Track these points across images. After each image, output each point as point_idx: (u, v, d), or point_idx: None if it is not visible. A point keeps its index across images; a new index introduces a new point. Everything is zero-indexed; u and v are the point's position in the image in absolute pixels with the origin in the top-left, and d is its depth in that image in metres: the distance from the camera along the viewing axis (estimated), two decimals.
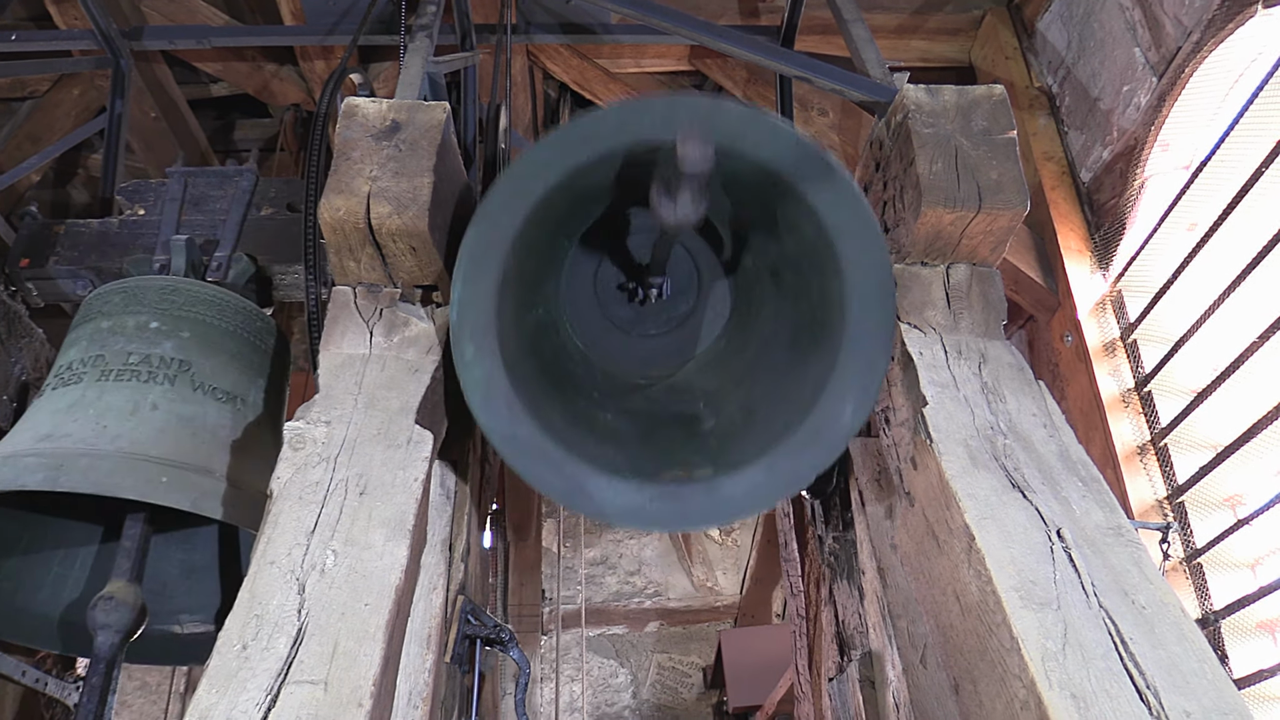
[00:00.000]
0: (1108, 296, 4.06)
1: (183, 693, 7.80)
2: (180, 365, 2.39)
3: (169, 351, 2.40)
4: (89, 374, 2.33)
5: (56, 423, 2.23)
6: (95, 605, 2.14)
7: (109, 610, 2.13)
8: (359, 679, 1.46)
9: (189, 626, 2.65)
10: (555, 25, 4.43)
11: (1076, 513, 1.73)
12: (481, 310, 1.89)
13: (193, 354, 2.42)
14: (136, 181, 3.06)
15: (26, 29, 4.90)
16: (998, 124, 2.19)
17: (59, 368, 2.43)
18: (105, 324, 2.45)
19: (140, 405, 2.28)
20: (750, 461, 2.05)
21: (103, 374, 2.33)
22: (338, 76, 2.59)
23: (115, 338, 2.40)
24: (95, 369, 2.34)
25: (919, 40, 4.96)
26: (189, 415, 2.32)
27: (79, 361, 2.38)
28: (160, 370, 2.36)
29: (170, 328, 2.44)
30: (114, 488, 2.07)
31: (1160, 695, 1.42)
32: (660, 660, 9.17)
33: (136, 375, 2.33)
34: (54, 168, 5.73)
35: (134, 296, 2.50)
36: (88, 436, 2.17)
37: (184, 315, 2.47)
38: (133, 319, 2.44)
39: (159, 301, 2.48)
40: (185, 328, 2.46)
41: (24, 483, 2.03)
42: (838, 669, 2.69)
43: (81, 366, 2.36)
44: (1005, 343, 2.12)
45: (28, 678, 3.67)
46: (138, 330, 2.42)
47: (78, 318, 2.56)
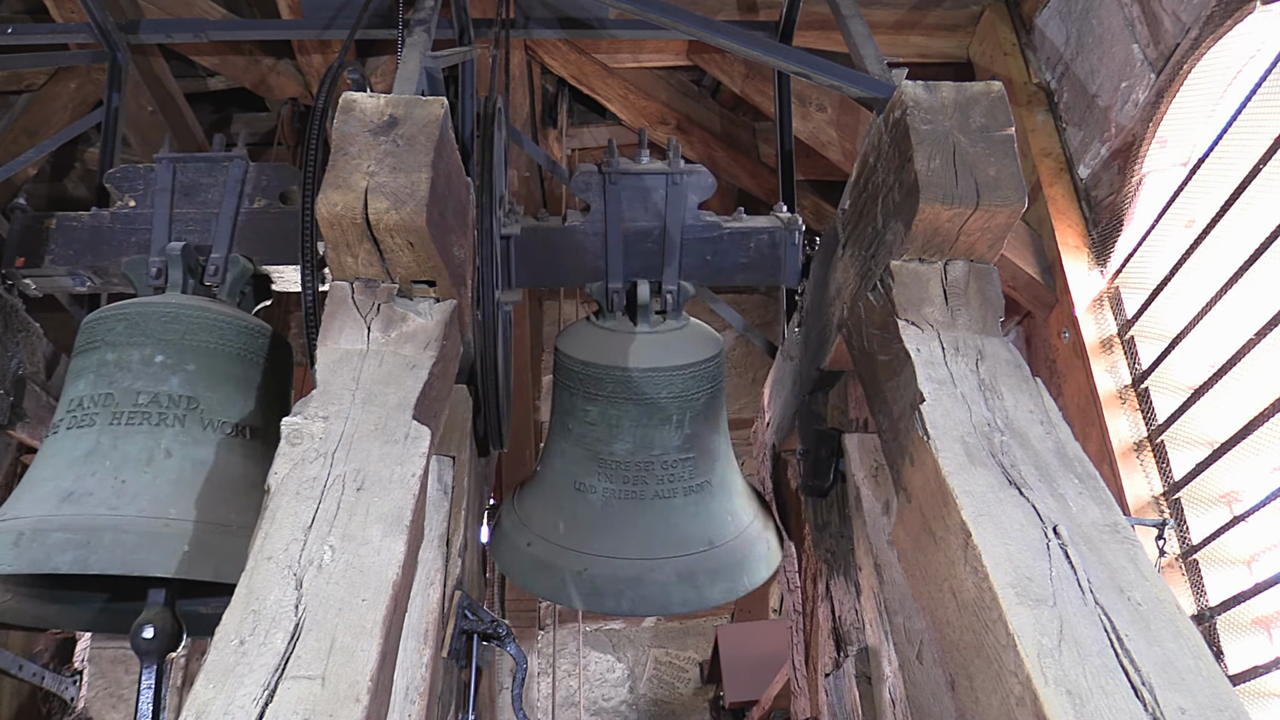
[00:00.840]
0: (1105, 293, 4.06)
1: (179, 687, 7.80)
2: (188, 403, 2.45)
3: (176, 388, 2.46)
4: (100, 415, 2.41)
5: (76, 476, 2.31)
6: (135, 635, 2.31)
7: (150, 642, 2.31)
8: (356, 674, 1.46)
9: (213, 607, 2.68)
10: (553, 20, 4.42)
11: (1073, 509, 1.73)
12: None
13: (200, 388, 2.48)
14: (125, 167, 3.01)
15: (23, 22, 4.88)
16: (996, 120, 2.19)
17: (70, 402, 2.48)
18: (110, 356, 2.50)
19: (155, 454, 2.37)
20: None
21: (114, 417, 2.41)
22: (335, 71, 2.58)
23: (123, 374, 2.47)
24: (107, 410, 2.42)
25: (917, 36, 4.96)
26: (201, 459, 2.41)
27: (89, 400, 2.45)
28: (170, 410, 2.43)
29: (175, 361, 2.49)
30: (139, 565, 2.19)
31: (1155, 692, 1.43)
32: (657, 655, 9.17)
33: (147, 418, 2.41)
34: (50, 161, 5.72)
35: (136, 326, 2.53)
36: (108, 497, 2.27)
37: (188, 345, 2.52)
38: (138, 352, 2.49)
39: (162, 332, 2.52)
40: (190, 359, 2.51)
41: (55, 565, 2.15)
42: (834, 664, 2.70)
43: (92, 405, 2.44)
44: (1003, 339, 2.12)
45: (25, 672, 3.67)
46: (143, 365, 2.48)
47: (81, 341, 2.59)
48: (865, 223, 2.40)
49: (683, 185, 2.91)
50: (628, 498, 2.73)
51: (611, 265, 2.88)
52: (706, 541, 2.71)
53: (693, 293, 2.94)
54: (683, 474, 2.76)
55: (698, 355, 2.81)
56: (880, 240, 2.28)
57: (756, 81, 5.08)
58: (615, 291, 2.85)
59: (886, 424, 2.18)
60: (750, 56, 2.87)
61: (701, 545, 2.70)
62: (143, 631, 2.31)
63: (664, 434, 2.75)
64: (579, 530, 2.72)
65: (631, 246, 2.88)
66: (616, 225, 2.89)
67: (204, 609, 2.62)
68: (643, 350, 2.78)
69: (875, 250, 2.31)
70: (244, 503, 2.37)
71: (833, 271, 2.65)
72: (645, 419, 2.73)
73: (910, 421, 1.96)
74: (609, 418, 2.74)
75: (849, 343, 2.48)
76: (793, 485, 3.27)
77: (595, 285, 2.89)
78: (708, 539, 2.72)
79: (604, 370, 2.76)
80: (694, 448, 2.79)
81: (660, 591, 2.62)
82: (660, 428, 2.75)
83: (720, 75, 5.25)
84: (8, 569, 2.17)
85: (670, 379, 2.75)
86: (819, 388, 2.92)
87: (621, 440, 2.75)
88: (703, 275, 2.98)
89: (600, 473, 2.75)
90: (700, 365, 2.80)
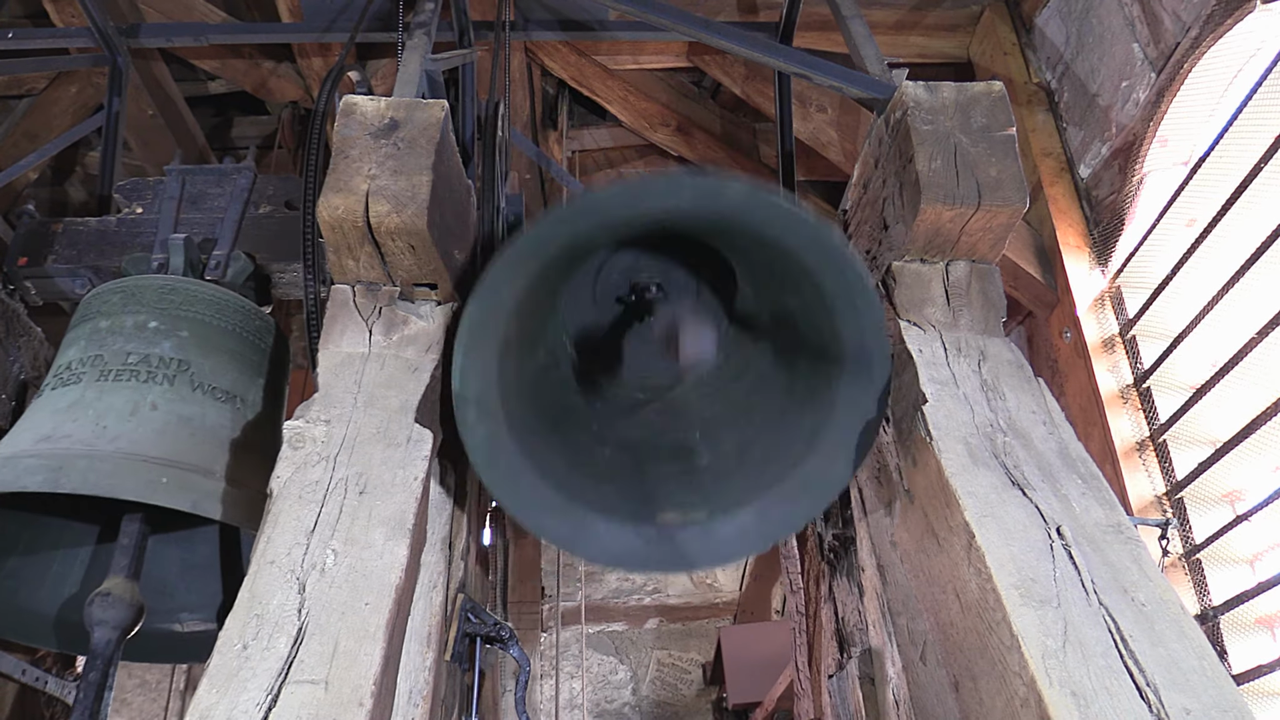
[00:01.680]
0: (1107, 292, 4.06)
1: (183, 691, 7.81)
2: (179, 365, 2.39)
3: (168, 351, 2.40)
4: (88, 374, 2.34)
5: (56, 423, 2.23)
6: (92, 602, 2.14)
7: (106, 606, 2.13)
8: (359, 678, 1.46)
9: (189, 625, 2.65)
10: (553, 22, 4.43)
11: (1076, 510, 1.73)
12: (482, 376, 1.94)
13: (192, 353, 2.42)
14: (134, 180, 3.06)
15: (23, 26, 4.89)
16: (996, 120, 2.18)
17: (58, 367, 2.43)
18: (104, 324, 2.45)
19: (140, 405, 2.28)
20: (743, 505, 2.17)
21: (102, 374, 2.33)
22: (336, 74, 2.59)
23: (114, 337, 2.41)
24: (94, 369, 2.34)
25: (917, 36, 4.96)
26: (189, 415, 2.32)
27: (78, 361, 2.38)
28: (159, 370, 2.36)
29: (169, 327, 2.44)
30: (114, 489, 2.07)
31: (1160, 692, 1.42)
32: (660, 657, 9.18)
33: (135, 375, 2.33)
34: (51, 165, 5.72)
35: (132, 296, 2.49)
36: (87, 437, 2.17)
37: (183, 315, 2.47)
38: (131, 318, 2.44)
39: (157, 301, 2.48)
40: (184, 327, 2.45)
41: (24, 484, 2.03)
42: (837, 666, 2.70)
43: (80, 366, 2.36)
44: (1004, 340, 2.12)
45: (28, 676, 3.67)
46: (136, 330, 2.42)
47: (76, 317, 2.56)
48: (866, 223, 2.40)
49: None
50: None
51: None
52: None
53: None
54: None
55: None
56: (881, 240, 2.28)
57: (757, 82, 5.07)
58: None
59: (889, 425, 2.18)
60: (750, 57, 2.87)
61: None
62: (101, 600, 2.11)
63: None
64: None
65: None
66: None
67: (179, 628, 2.59)
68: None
69: (876, 251, 2.31)
70: (233, 459, 2.29)
71: None
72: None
73: (913, 422, 1.96)
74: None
75: None
76: None
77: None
78: None
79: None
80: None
81: None
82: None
83: (720, 76, 5.25)
84: None
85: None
86: None
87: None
88: None
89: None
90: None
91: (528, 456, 2.07)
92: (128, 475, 2.10)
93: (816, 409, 2.14)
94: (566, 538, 2.13)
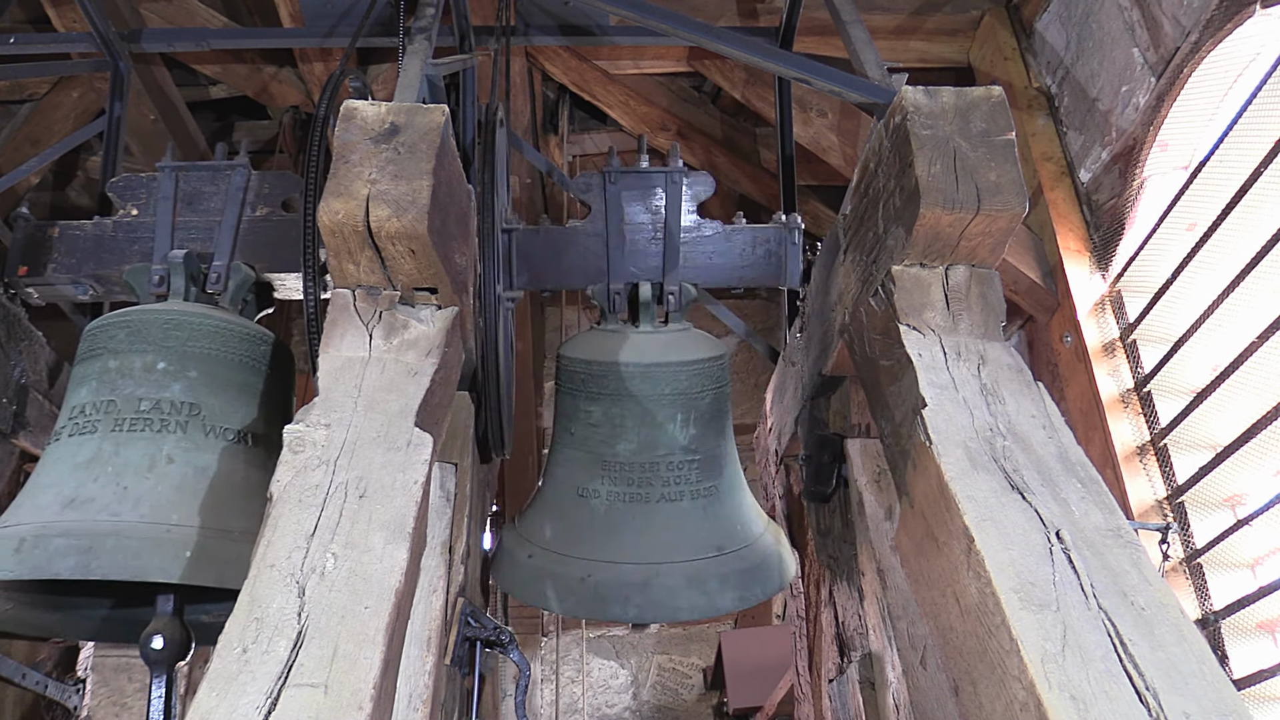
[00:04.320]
0: (1107, 297, 4.06)
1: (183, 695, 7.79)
2: (190, 410, 2.45)
3: (178, 395, 2.46)
4: (102, 422, 2.41)
5: (78, 483, 2.31)
6: (145, 645, 2.34)
7: (160, 653, 2.34)
8: (359, 682, 1.46)
9: (215, 615, 2.68)
10: (554, 27, 4.43)
11: (1076, 514, 1.73)
12: None
13: (201, 394, 2.48)
14: (128, 176, 3.03)
15: (25, 31, 4.90)
16: (996, 125, 2.19)
17: (71, 409, 2.48)
18: (112, 364, 2.50)
19: (156, 460, 2.36)
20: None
21: (116, 424, 2.40)
22: (336, 79, 2.59)
23: (125, 381, 2.47)
24: (109, 417, 2.42)
25: (917, 41, 4.96)
26: (203, 465, 2.41)
27: (91, 406, 2.45)
28: (172, 417, 2.43)
29: (177, 368, 2.49)
30: (142, 571, 2.19)
31: (1160, 697, 1.42)
32: (660, 661, 9.16)
33: (149, 425, 2.41)
34: (53, 170, 5.74)
35: (138, 334, 2.53)
36: (110, 503, 2.27)
37: (190, 351, 2.52)
38: (139, 359, 2.49)
39: (164, 339, 2.53)
40: (192, 366, 2.51)
41: (57, 570, 2.15)
42: (838, 670, 2.69)
43: (94, 413, 2.44)
44: (1004, 344, 2.12)
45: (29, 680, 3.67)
46: (145, 372, 2.48)
47: (83, 349, 2.59)
48: (866, 228, 2.40)
49: (681, 184, 2.92)
50: (633, 500, 2.66)
51: (613, 265, 2.88)
52: (715, 547, 2.63)
53: (694, 295, 2.94)
54: (689, 476, 2.69)
55: (700, 354, 2.78)
56: (881, 245, 2.28)
57: (757, 87, 5.08)
58: (616, 292, 2.85)
59: (889, 429, 2.18)
60: (751, 62, 2.87)
61: (711, 550, 2.63)
62: (152, 641, 2.33)
63: (668, 434, 2.69)
64: (582, 537, 2.65)
65: (633, 247, 2.89)
66: (617, 225, 2.89)
67: (206, 617, 2.63)
68: (644, 347, 2.76)
69: (877, 255, 2.31)
70: (246, 508, 2.37)
71: (834, 277, 2.65)
72: (648, 417, 2.68)
73: (912, 426, 1.96)
74: (612, 416, 2.70)
75: (851, 348, 2.48)
76: (795, 490, 3.26)
77: (597, 286, 2.89)
78: (717, 544, 2.64)
79: (605, 367, 2.72)
80: (700, 449, 2.73)
81: (668, 597, 2.55)
82: (664, 427, 2.69)
83: (721, 81, 5.25)
84: (9, 574, 2.17)
85: (673, 374, 2.72)
86: (821, 393, 2.92)
87: (625, 440, 2.69)
88: (705, 277, 2.99)
89: (604, 476, 2.68)
90: (703, 363, 2.77)
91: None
92: (153, 554, 2.21)
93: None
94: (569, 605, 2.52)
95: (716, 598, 2.58)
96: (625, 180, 2.91)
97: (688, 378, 2.73)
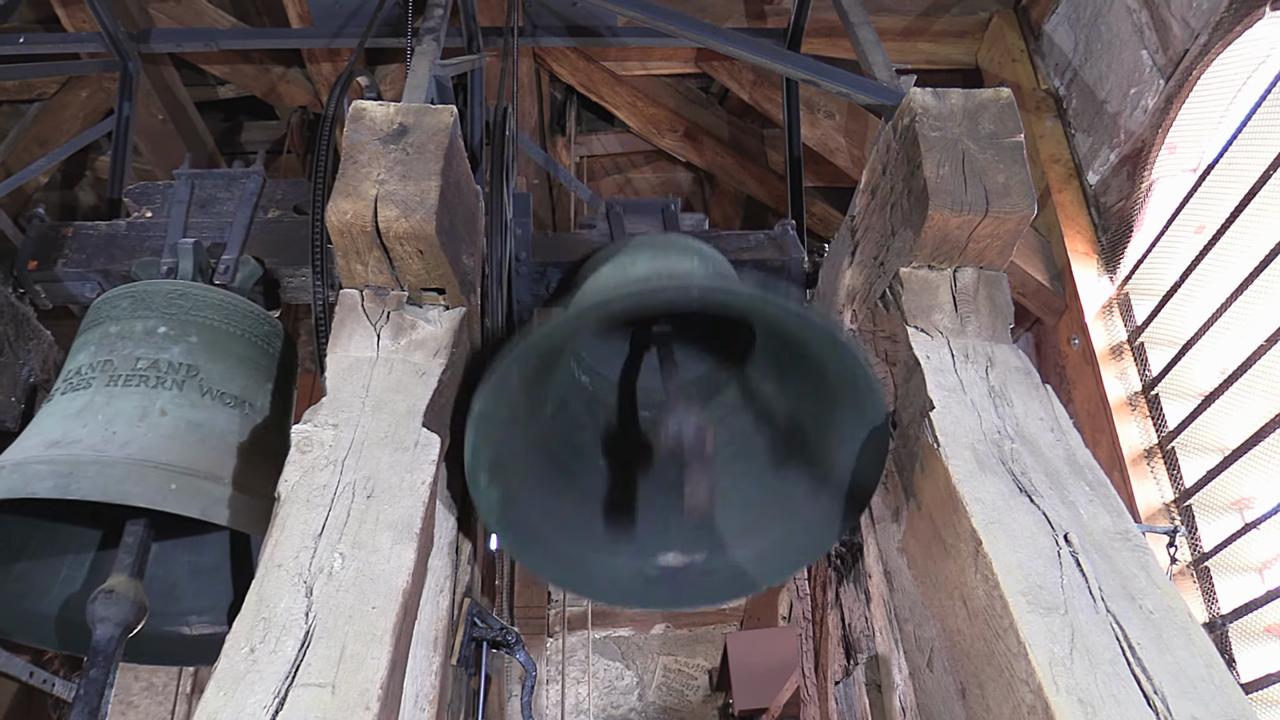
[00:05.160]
0: (1115, 299, 4.05)
1: (189, 694, 7.82)
2: (189, 370, 2.39)
3: (177, 356, 2.41)
4: (97, 379, 2.34)
5: (66, 428, 2.23)
6: (95, 599, 2.13)
7: (108, 604, 2.12)
8: (366, 682, 1.46)
9: (197, 627, 2.66)
10: (561, 28, 4.44)
11: (1084, 517, 1.73)
12: (492, 445, 2.00)
13: (201, 359, 2.43)
14: (144, 184, 3.06)
15: (35, 31, 4.91)
16: (1005, 127, 2.18)
17: (67, 372, 2.43)
18: (113, 329, 2.45)
19: (149, 411, 2.28)
20: (741, 548, 2.29)
21: (111, 379, 2.33)
22: (345, 79, 2.60)
23: (123, 342, 2.41)
24: (104, 374, 2.34)
25: (925, 43, 4.96)
26: (198, 421, 2.32)
27: (87, 366, 2.39)
28: (169, 375, 2.37)
29: (178, 332, 2.44)
30: (123, 495, 2.08)
31: (1168, 700, 1.42)
32: (666, 662, 9.16)
33: (145, 381, 2.34)
34: (62, 169, 5.75)
35: (142, 301, 2.50)
36: (97, 443, 2.18)
37: (192, 320, 2.48)
38: (140, 324, 2.44)
39: (166, 306, 2.49)
40: (193, 332, 2.46)
41: (33, 490, 2.03)
42: (844, 672, 2.69)
43: (90, 371, 2.37)
44: (1012, 346, 2.12)
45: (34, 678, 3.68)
46: (146, 335, 2.42)
47: (85, 322, 2.57)
48: (874, 229, 2.40)
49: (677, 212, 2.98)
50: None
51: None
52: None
53: None
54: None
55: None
56: (889, 247, 2.28)
57: (765, 88, 5.08)
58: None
59: (896, 431, 2.18)
60: (759, 63, 2.87)
61: None
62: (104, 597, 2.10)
63: None
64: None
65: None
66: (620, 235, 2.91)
67: (187, 629, 2.60)
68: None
69: (884, 257, 2.31)
70: (241, 464, 2.29)
71: (841, 278, 2.65)
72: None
73: (920, 429, 1.95)
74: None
75: None
76: None
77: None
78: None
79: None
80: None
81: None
82: None
83: (728, 82, 5.25)
84: None
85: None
86: None
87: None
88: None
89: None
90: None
91: (538, 509, 2.20)
92: (137, 481, 2.11)
93: (814, 472, 2.22)
94: (572, 580, 2.30)
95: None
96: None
97: None
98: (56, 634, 2.56)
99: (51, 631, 2.55)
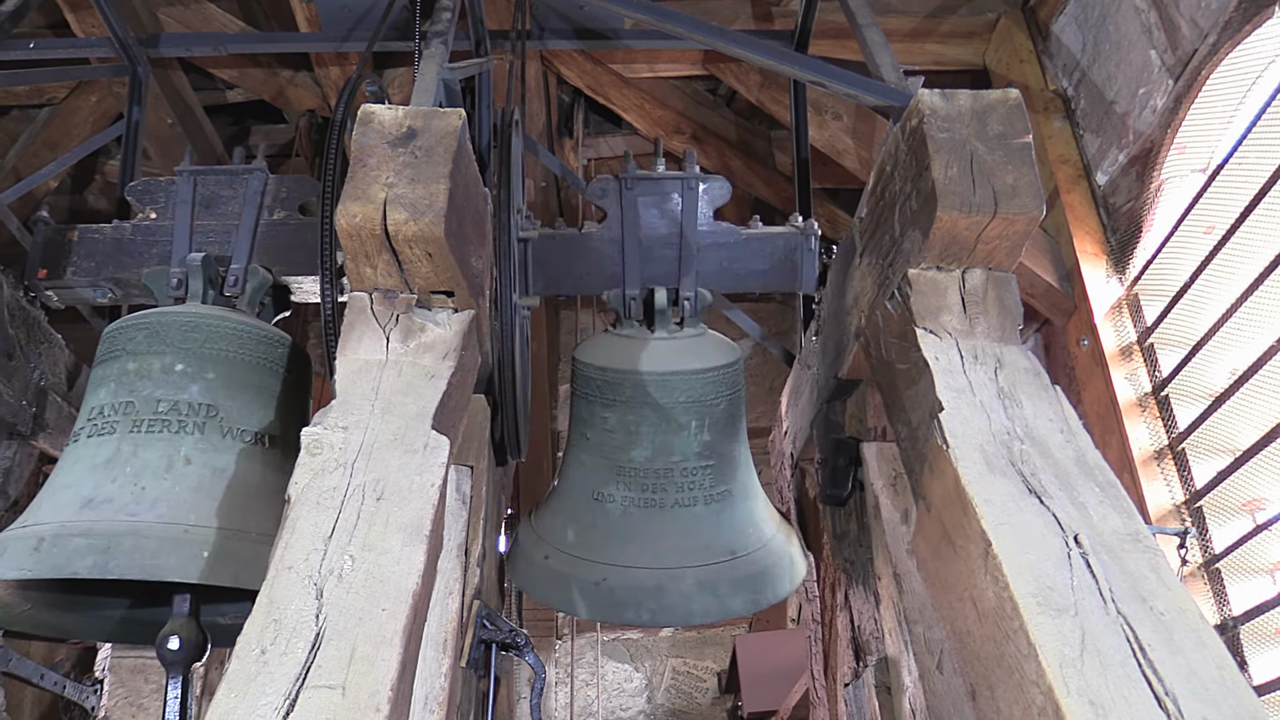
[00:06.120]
0: (1124, 300, 4.04)
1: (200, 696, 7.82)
2: (208, 411, 2.47)
3: (196, 396, 2.48)
4: (121, 423, 2.43)
5: (96, 483, 2.33)
6: (161, 645, 2.34)
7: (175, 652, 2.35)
8: (376, 684, 1.46)
9: (232, 616, 2.70)
10: (569, 30, 4.44)
11: (1094, 518, 1.72)
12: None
13: (219, 396, 2.50)
14: (146, 180, 3.05)
15: (44, 37, 4.93)
16: (1013, 128, 2.18)
17: (90, 410, 2.50)
18: (131, 365, 2.51)
19: (174, 461, 2.38)
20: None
21: (134, 425, 2.42)
22: (353, 83, 2.60)
23: (143, 382, 2.48)
24: (127, 418, 2.43)
25: (933, 44, 4.95)
26: (221, 466, 2.42)
27: (110, 408, 2.47)
28: (189, 419, 2.45)
29: (195, 369, 2.51)
30: (159, 570, 2.20)
31: (1179, 702, 1.41)
32: (675, 665, 9.15)
33: (167, 426, 2.42)
34: (71, 174, 5.78)
35: (157, 335, 2.55)
36: (128, 503, 2.29)
37: (208, 353, 2.53)
38: (158, 360, 2.51)
39: (182, 341, 2.54)
40: (210, 368, 2.52)
41: (75, 570, 2.16)
42: (853, 674, 2.69)
43: (113, 414, 2.45)
44: (1021, 347, 2.11)
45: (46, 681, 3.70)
46: (164, 374, 2.49)
47: (102, 351, 2.60)
48: (882, 231, 2.40)
49: (698, 191, 2.92)
50: (647, 506, 2.69)
51: (629, 271, 2.88)
52: (728, 551, 2.68)
53: (710, 300, 2.93)
54: (703, 482, 2.72)
55: (716, 360, 2.79)
56: (898, 248, 2.28)
57: (772, 90, 5.08)
58: (632, 298, 2.85)
59: (905, 432, 2.17)
60: (766, 65, 2.87)
61: (723, 555, 2.67)
62: (168, 642, 2.33)
63: (683, 440, 2.72)
64: (597, 540, 2.70)
65: (649, 253, 2.89)
66: (633, 231, 2.90)
67: (223, 619, 2.64)
68: (660, 355, 2.77)
69: (893, 258, 2.31)
70: (263, 510, 2.39)
71: (850, 280, 2.64)
72: (663, 424, 2.70)
73: (929, 430, 1.95)
74: (627, 424, 2.72)
75: (867, 351, 2.48)
76: (811, 494, 3.26)
77: (612, 292, 2.90)
78: (730, 549, 2.69)
79: (621, 375, 2.73)
80: (714, 455, 2.75)
81: (681, 601, 2.60)
82: (679, 434, 2.71)
83: (736, 84, 5.25)
84: (28, 574, 2.18)
85: (689, 383, 2.73)
86: (837, 396, 2.91)
87: (640, 447, 2.72)
88: (720, 281, 2.98)
89: (619, 481, 2.71)
90: (718, 370, 2.78)
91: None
92: (170, 554, 2.22)
93: None
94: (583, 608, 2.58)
95: (728, 601, 2.64)
96: (641, 186, 2.92)
97: (703, 385, 2.75)
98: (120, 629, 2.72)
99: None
